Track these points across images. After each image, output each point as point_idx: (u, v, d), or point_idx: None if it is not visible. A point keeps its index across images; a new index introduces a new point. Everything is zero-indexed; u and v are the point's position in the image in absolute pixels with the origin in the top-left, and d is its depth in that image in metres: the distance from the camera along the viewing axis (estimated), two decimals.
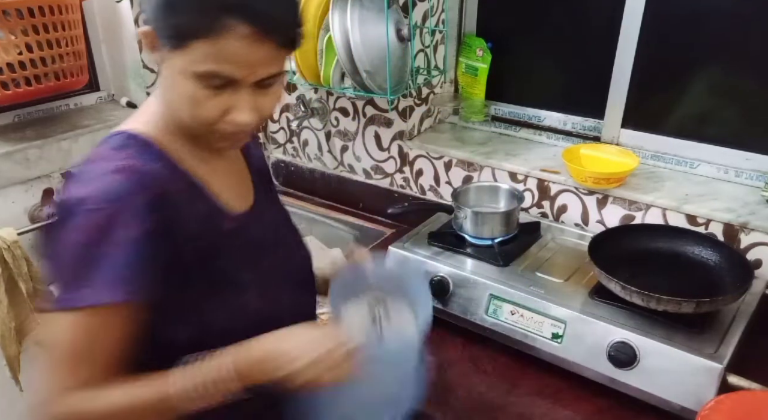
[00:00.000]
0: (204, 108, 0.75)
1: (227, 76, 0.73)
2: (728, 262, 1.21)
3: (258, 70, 0.74)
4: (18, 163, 1.35)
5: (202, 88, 0.74)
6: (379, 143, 1.78)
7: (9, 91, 1.31)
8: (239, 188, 0.93)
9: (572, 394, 1.15)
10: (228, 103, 0.75)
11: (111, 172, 0.74)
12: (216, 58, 0.71)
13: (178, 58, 0.73)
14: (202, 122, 0.77)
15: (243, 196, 0.92)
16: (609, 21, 1.49)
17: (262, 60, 0.74)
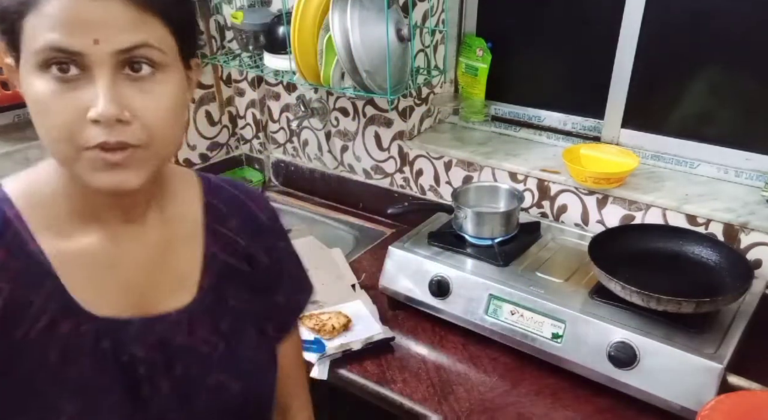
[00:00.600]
0: (53, 112, 0.56)
1: (64, 48, 0.54)
2: (728, 262, 1.21)
3: (105, 35, 0.55)
4: (18, 163, 1.35)
5: (47, 83, 0.56)
6: (379, 143, 1.78)
7: (9, 91, 1.31)
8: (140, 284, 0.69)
9: (572, 394, 1.15)
10: (82, 98, 0.56)
11: None
12: (48, 27, 0.54)
13: (22, 57, 0.57)
14: (57, 137, 0.57)
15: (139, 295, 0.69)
16: (609, 21, 1.49)
17: (107, 20, 0.55)
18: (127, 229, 0.68)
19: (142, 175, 0.60)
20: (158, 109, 0.59)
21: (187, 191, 0.75)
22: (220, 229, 0.75)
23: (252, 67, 1.69)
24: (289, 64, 1.52)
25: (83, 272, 0.66)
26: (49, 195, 0.66)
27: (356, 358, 1.24)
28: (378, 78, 1.41)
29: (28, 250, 0.64)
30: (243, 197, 0.78)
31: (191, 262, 0.72)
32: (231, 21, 1.67)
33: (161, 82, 0.59)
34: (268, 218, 0.79)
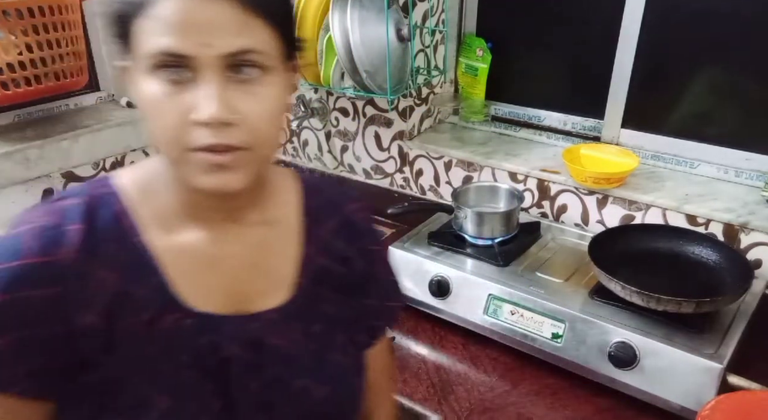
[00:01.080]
0: (163, 114, 0.58)
1: (175, 52, 0.55)
2: (728, 262, 1.21)
3: (213, 39, 0.55)
4: (18, 163, 1.35)
5: (159, 85, 0.57)
6: (379, 143, 1.78)
7: (9, 91, 1.31)
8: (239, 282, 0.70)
9: (572, 394, 1.15)
10: (191, 101, 0.57)
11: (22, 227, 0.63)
12: (159, 30, 0.55)
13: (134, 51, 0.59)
14: (166, 138, 0.59)
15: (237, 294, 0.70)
16: (609, 21, 1.49)
17: (216, 24, 0.55)
18: (229, 229, 0.69)
19: (245, 177, 0.61)
20: (263, 112, 0.60)
21: (286, 192, 0.76)
22: (317, 230, 0.75)
23: None
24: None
25: (186, 268, 0.67)
26: (157, 191, 0.67)
27: None
28: (378, 78, 1.41)
29: (136, 244, 0.65)
30: (341, 199, 0.79)
31: (288, 263, 0.73)
32: None
33: (266, 84, 0.60)
34: (364, 221, 0.80)
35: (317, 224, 0.75)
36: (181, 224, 0.67)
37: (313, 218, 0.75)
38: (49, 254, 0.61)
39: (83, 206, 0.65)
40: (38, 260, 0.61)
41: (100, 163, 1.52)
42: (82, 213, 0.64)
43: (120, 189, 0.67)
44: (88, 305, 0.62)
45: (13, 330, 0.60)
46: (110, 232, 0.64)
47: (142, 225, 0.66)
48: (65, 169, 1.45)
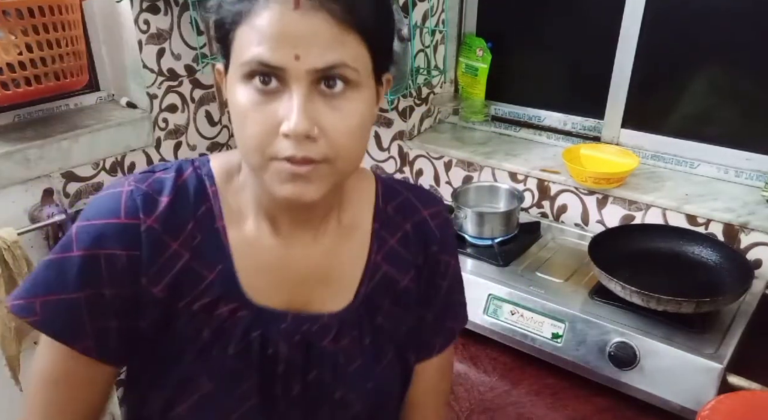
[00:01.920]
0: (251, 122, 0.58)
1: (266, 62, 0.56)
2: (728, 262, 1.21)
3: (306, 53, 0.56)
4: (18, 163, 1.35)
5: (249, 94, 0.58)
6: (379, 143, 1.78)
7: (9, 91, 1.31)
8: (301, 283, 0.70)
9: (572, 394, 1.15)
10: (278, 112, 0.58)
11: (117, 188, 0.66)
12: (256, 40, 0.56)
13: (230, 66, 0.61)
14: (251, 145, 0.59)
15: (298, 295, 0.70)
16: (609, 21, 1.49)
17: (309, 37, 0.56)
18: (302, 235, 0.70)
19: (321, 189, 0.61)
20: (346, 127, 0.60)
21: (363, 197, 0.75)
22: (387, 237, 0.74)
23: None
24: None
25: (253, 261, 0.68)
26: (240, 184, 0.69)
27: None
28: None
29: (214, 228, 0.67)
30: (417, 204, 0.77)
31: (354, 269, 0.72)
32: None
33: (352, 99, 0.60)
34: (439, 229, 0.77)
35: (388, 230, 0.74)
36: (257, 221, 0.69)
37: (385, 224, 0.74)
38: (137, 218, 0.64)
39: (176, 182, 0.67)
40: (126, 222, 0.64)
41: (100, 163, 1.52)
42: (173, 188, 0.67)
43: (214, 172, 0.69)
44: (157, 275, 0.65)
45: (91, 286, 0.63)
46: (193, 212, 0.67)
47: (224, 211, 0.68)
48: (65, 169, 1.44)
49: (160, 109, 1.62)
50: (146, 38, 1.54)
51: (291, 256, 0.70)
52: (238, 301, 0.67)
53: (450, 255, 0.79)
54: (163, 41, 1.58)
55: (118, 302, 0.64)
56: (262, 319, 0.68)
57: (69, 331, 0.64)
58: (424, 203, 0.77)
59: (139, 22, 1.52)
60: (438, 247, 0.77)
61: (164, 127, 1.64)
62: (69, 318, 0.64)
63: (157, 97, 1.61)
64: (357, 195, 0.74)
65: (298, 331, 0.69)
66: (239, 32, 0.58)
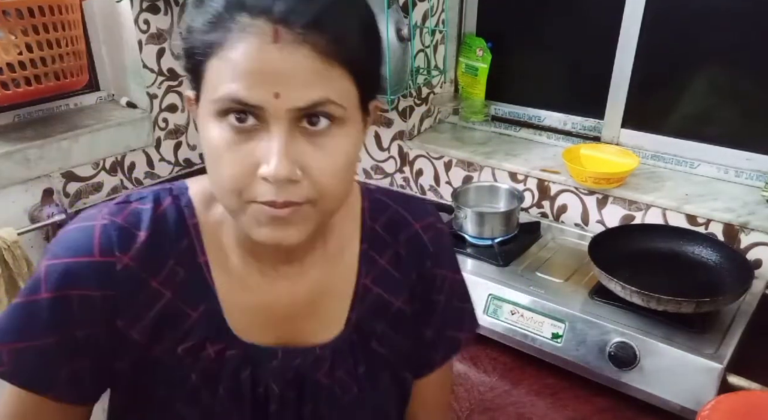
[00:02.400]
0: (226, 163, 0.53)
1: (243, 101, 0.51)
2: (728, 262, 1.21)
3: (287, 90, 0.51)
4: (18, 163, 1.35)
5: (227, 131, 0.53)
6: (379, 143, 1.78)
7: (9, 91, 1.31)
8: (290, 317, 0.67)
9: (572, 394, 1.15)
10: (255, 152, 0.53)
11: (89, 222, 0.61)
12: (230, 75, 0.51)
13: (202, 97, 0.55)
14: (226, 187, 0.54)
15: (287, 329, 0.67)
16: (609, 21, 1.49)
17: (290, 73, 0.51)
18: (288, 269, 0.66)
19: (304, 231, 0.57)
20: (331, 167, 0.55)
21: (349, 216, 0.70)
22: (377, 257, 0.70)
23: None
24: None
25: (239, 298, 0.64)
26: (221, 213, 0.64)
27: None
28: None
29: (197, 264, 0.63)
30: (408, 217, 0.72)
31: (343, 295, 0.68)
32: None
33: (337, 136, 0.55)
34: (433, 242, 0.72)
35: (377, 250, 0.70)
36: (240, 256, 0.65)
37: (373, 243, 0.70)
38: (112, 256, 0.60)
39: (154, 213, 0.63)
40: (99, 260, 0.59)
41: (100, 163, 1.52)
42: (151, 221, 0.62)
43: (195, 202, 0.65)
44: (136, 317, 0.61)
45: (64, 328, 0.59)
46: (175, 247, 0.62)
47: (206, 245, 0.63)
48: (65, 169, 1.44)
49: (160, 109, 1.62)
50: (146, 38, 1.54)
51: (277, 291, 0.66)
52: (226, 340, 0.64)
53: (446, 268, 0.74)
54: (163, 41, 1.58)
55: (92, 344, 0.61)
56: (251, 358, 0.64)
57: (39, 380, 0.60)
58: (415, 216, 0.72)
59: (139, 22, 1.52)
60: (432, 261, 0.72)
61: (164, 127, 1.64)
62: (39, 366, 0.60)
63: (157, 97, 1.61)
64: (342, 216, 0.69)
65: (290, 366, 0.66)
66: (211, 65, 0.53)
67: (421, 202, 0.76)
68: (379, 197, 0.73)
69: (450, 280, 0.74)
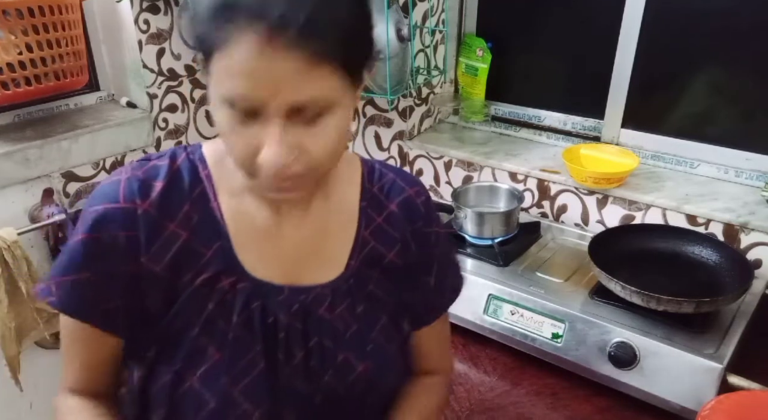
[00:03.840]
0: (234, 143, 0.62)
1: (241, 98, 0.58)
2: (728, 262, 1.21)
3: (280, 90, 0.56)
4: (18, 163, 1.35)
5: (232, 117, 0.60)
6: (379, 143, 1.78)
7: (9, 91, 1.30)
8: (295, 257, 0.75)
9: (572, 394, 1.15)
10: (258, 137, 0.60)
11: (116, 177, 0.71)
12: (231, 74, 0.57)
13: (211, 79, 0.61)
14: (236, 162, 0.64)
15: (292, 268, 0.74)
16: (609, 21, 1.49)
17: (284, 76, 0.56)
18: (292, 213, 0.74)
19: (307, 192, 0.69)
20: (324, 146, 0.62)
21: (350, 177, 0.79)
22: (374, 215, 0.79)
23: None
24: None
25: (249, 237, 0.73)
26: (232, 169, 0.71)
27: None
28: (378, 78, 1.41)
29: (210, 208, 0.72)
30: (401, 183, 0.81)
31: (343, 243, 0.77)
32: None
33: (330, 120, 0.61)
34: (424, 205, 0.82)
35: (374, 209, 0.79)
36: (249, 200, 0.73)
37: (372, 203, 0.79)
38: (133, 202, 0.69)
39: (171, 167, 0.72)
40: (123, 206, 0.69)
41: (100, 162, 1.52)
42: (167, 173, 0.71)
43: (206, 156, 0.73)
44: (158, 254, 0.69)
45: (95, 265, 0.69)
46: (189, 194, 0.71)
47: (218, 192, 0.72)
48: (65, 169, 1.44)
49: (160, 109, 1.62)
50: (146, 38, 1.54)
51: (283, 232, 0.74)
52: (238, 274, 0.71)
53: (436, 226, 0.83)
54: (163, 41, 1.58)
55: (123, 281, 0.69)
56: (261, 291, 0.72)
57: (79, 310, 0.70)
58: (408, 183, 0.82)
59: (139, 22, 1.52)
60: (423, 221, 0.81)
61: (164, 127, 1.64)
62: (79, 297, 0.69)
63: (157, 97, 1.61)
64: (344, 177, 0.79)
65: (295, 301, 0.73)
66: (217, 57, 0.58)
67: (411, 174, 0.87)
68: (377, 166, 0.83)
69: (442, 236, 0.85)
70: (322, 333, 0.74)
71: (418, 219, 0.80)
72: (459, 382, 1.19)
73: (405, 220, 0.80)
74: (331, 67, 0.58)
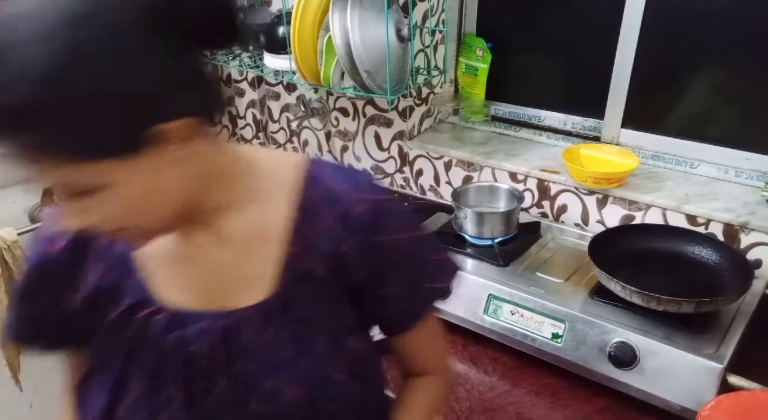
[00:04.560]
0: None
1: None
2: (728, 262, 1.21)
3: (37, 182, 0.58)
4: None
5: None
6: (379, 143, 1.78)
7: None
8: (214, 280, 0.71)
9: (572, 394, 1.15)
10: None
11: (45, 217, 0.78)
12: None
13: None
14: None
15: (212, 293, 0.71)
16: (609, 21, 1.49)
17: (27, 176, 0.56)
18: (203, 235, 0.70)
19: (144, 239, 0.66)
20: (113, 210, 0.59)
21: (281, 188, 0.72)
22: (307, 228, 0.71)
23: (252, 67, 1.69)
24: (289, 64, 1.52)
25: (162, 266, 0.71)
26: None
27: None
28: (378, 78, 1.41)
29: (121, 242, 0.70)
30: (343, 192, 0.72)
31: (269, 263, 0.70)
32: None
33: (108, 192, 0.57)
34: (369, 214, 0.71)
35: (309, 221, 0.71)
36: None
37: (307, 215, 0.71)
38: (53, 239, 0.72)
39: None
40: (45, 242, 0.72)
41: None
42: None
43: None
44: (77, 290, 0.71)
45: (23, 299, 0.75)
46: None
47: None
48: None
49: None
50: None
51: (197, 257, 0.71)
52: (151, 306, 0.70)
53: (394, 233, 0.74)
54: None
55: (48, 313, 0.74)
56: (179, 321, 0.70)
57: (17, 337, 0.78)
58: (351, 191, 0.72)
59: None
60: (368, 232, 0.71)
61: None
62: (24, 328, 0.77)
63: None
64: (270, 193, 0.71)
65: (218, 327, 0.69)
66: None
67: (360, 176, 0.76)
68: (318, 171, 0.74)
69: (405, 240, 0.75)
70: (247, 359, 0.69)
71: (359, 231, 0.71)
72: (459, 382, 1.19)
73: (345, 232, 0.70)
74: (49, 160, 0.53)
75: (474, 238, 1.39)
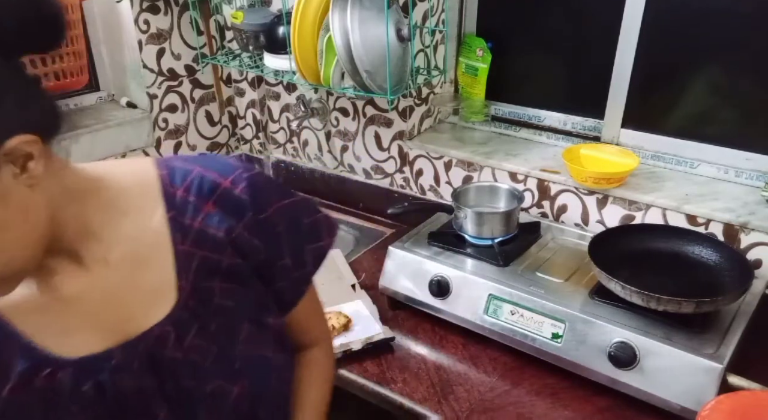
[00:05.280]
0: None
1: None
2: (728, 262, 1.21)
3: None
4: None
5: None
6: (379, 143, 1.78)
7: None
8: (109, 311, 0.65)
9: (572, 394, 1.15)
10: None
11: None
12: None
13: None
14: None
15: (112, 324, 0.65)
16: (609, 21, 1.49)
17: None
18: (66, 271, 0.64)
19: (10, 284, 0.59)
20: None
21: (144, 192, 0.68)
22: (188, 222, 0.67)
23: (252, 67, 1.70)
24: (289, 64, 1.52)
25: (38, 319, 0.63)
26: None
27: (356, 358, 1.24)
28: (378, 78, 1.41)
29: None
30: (211, 175, 0.69)
31: (164, 270, 0.66)
32: (231, 21, 1.67)
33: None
34: (247, 192, 0.69)
35: (187, 215, 0.67)
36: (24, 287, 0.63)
37: (180, 210, 0.67)
38: None
39: None
40: None
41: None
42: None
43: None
44: None
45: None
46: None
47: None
48: None
49: (160, 109, 1.63)
50: (146, 38, 1.54)
51: (72, 294, 0.64)
52: (49, 365, 0.62)
53: (272, 205, 0.72)
54: (163, 41, 1.58)
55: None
56: (87, 369, 0.63)
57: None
58: (221, 174, 0.69)
59: (139, 22, 1.52)
60: (253, 210, 0.69)
61: (164, 127, 1.65)
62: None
63: (157, 97, 1.61)
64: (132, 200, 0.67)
65: (134, 356, 0.64)
66: None
67: (222, 159, 0.73)
68: (176, 164, 0.70)
69: (281, 209, 0.73)
70: (179, 375, 0.66)
71: (246, 210, 0.68)
72: (459, 382, 1.19)
73: (230, 216, 0.68)
74: None
75: (474, 238, 1.39)
